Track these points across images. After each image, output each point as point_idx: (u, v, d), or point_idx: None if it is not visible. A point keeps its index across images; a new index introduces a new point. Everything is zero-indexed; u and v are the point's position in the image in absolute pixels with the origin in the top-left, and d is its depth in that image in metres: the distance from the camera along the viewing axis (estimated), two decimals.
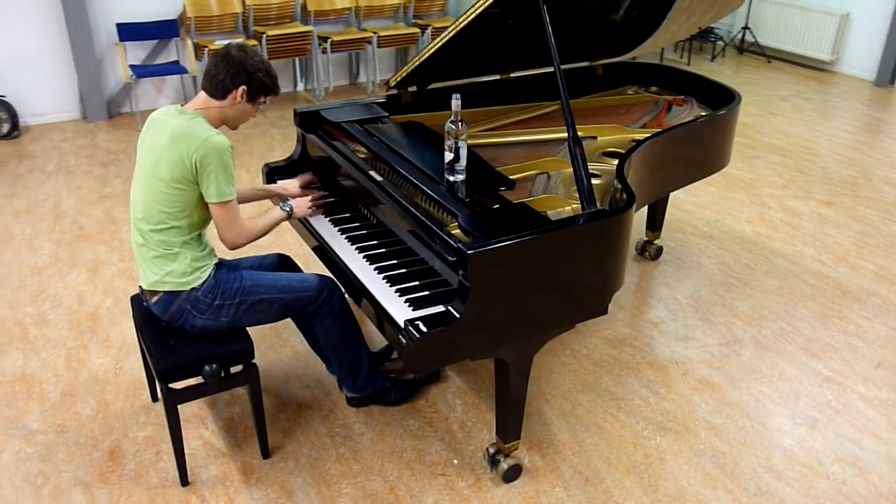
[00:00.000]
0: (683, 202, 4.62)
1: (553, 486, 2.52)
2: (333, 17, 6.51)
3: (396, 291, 2.29)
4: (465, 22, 2.69)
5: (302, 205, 2.68)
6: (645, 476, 2.56)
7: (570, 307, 2.27)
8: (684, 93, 3.68)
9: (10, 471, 2.55)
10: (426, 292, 2.27)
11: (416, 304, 2.22)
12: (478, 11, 2.63)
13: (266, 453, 2.62)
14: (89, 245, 4.04)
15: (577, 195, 2.61)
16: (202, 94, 2.39)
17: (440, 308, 2.12)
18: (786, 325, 3.40)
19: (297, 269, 2.77)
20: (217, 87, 2.36)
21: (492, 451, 2.54)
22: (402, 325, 2.11)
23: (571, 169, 2.75)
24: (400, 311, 2.21)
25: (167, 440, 2.62)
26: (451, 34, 2.76)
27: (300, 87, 6.78)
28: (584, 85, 3.69)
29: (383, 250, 2.53)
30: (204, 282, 2.35)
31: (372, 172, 2.62)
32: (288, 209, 2.62)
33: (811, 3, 7.45)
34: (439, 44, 2.83)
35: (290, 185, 2.86)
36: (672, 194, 4.59)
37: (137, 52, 5.99)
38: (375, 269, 2.43)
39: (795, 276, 3.80)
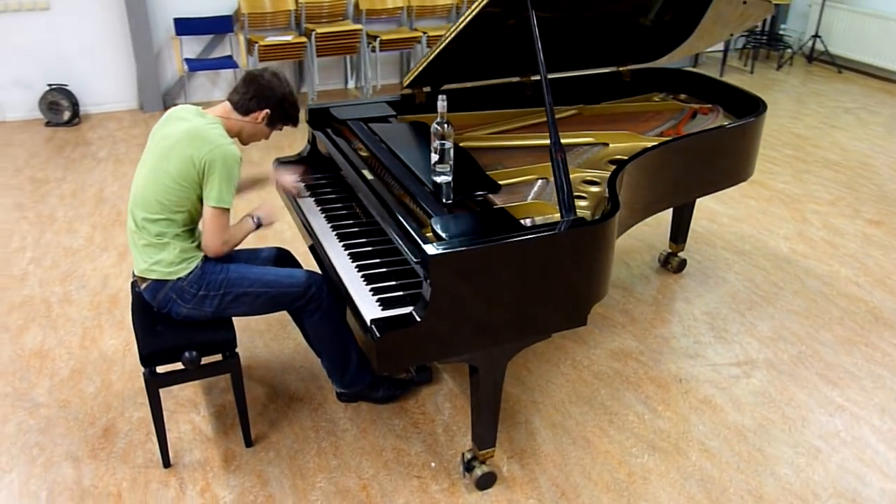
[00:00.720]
0: (718, 214, 4.46)
1: (527, 497, 2.47)
2: (385, 16, 6.57)
3: (371, 290, 2.30)
4: (463, 24, 2.66)
5: (270, 214, 2.66)
6: (624, 495, 2.48)
7: (545, 316, 2.22)
8: (713, 101, 3.55)
9: (10, 440, 2.68)
10: (400, 293, 2.27)
11: (386, 303, 2.22)
12: (474, 13, 2.60)
13: (249, 442, 2.67)
14: (123, 230, 4.20)
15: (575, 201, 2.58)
16: (227, 103, 2.48)
17: (408, 309, 2.11)
18: (805, 349, 3.23)
19: (295, 263, 2.81)
20: (244, 104, 2.45)
21: (468, 456, 2.51)
22: (367, 323, 2.11)
23: (572, 175, 2.73)
24: (370, 309, 2.21)
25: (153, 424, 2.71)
26: (451, 35, 2.74)
27: (350, 84, 6.88)
28: (608, 90, 3.61)
29: (369, 249, 2.54)
30: (190, 272, 2.41)
31: (365, 171, 2.63)
32: (256, 220, 2.60)
33: (889, 11, 7.06)
34: (443, 44, 2.81)
35: (271, 172, 2.91)
36: (707, 206, 4.47)
37: (194, 46, 6.19)
38: (356, 266, 2.44)
39: (826, 298, 3.61)
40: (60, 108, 5.80)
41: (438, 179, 2.42)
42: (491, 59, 3.33)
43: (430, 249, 1.99)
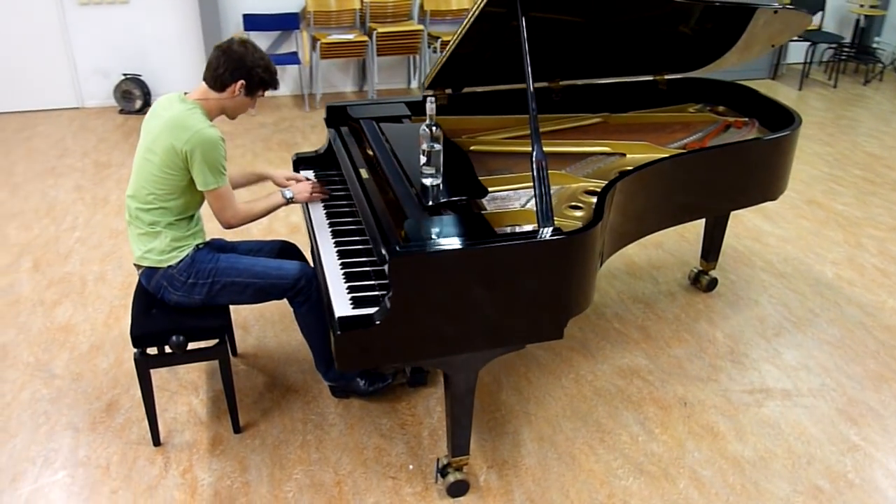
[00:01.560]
0: (765, 234, 4.24)
1: None
2: (450, 17, 6.59)
3: (348, 287, 2.31)
4: (467, 26, 2.64)
5: (303, 191, 2.77)
6: None
7: (515, 326, 2.17)
8: (752, 114, 3.38)
9: (21, 407, 2.84)
10: (376, 293, 2.27)
11: (358, 302, 2.23)
12: (475, 15, 2.57)
13: (237, 428, 2.73)
14: None
15: (568, 212, 2.52)
16: (203, 84, 2.53)
17: (373, 310, 2.11)
18: (829, 381, 3.03)
19: (298, 257, 2.86)
20: (217, 80, 2.49)
21: (443, 461, 2.49)
22: (335, 319, 2.12)
23: (576, 185, 2.67)
24: (341, 305, 2.22)
25: (159, 402, 2.83)
26: (459, 38, 2.72)
27: (413, 83, 6.93)
28: (641, 99, 3.50)
29: (358, 247, 2.56)
30: (180, 261, 2.49)
31: (363, 170, 2.65)
32: (289, 195, 2.72)
33: None
34: (453, 47, 2.80)
35: (278, 175, 2.94)
36: (754, 224, 4.27)
37: (262, 41, 6.39)
38: (341, 263, 2.46)
39: (864, 329, 3.38)
40: (133, 96, 6.11)
41: (425, 182, 2.41)
42: (518, 63, 3.29)
43: (391, 250, 1.98)
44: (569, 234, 2.10)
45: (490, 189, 2.67)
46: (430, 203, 2.29)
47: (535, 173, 2.18)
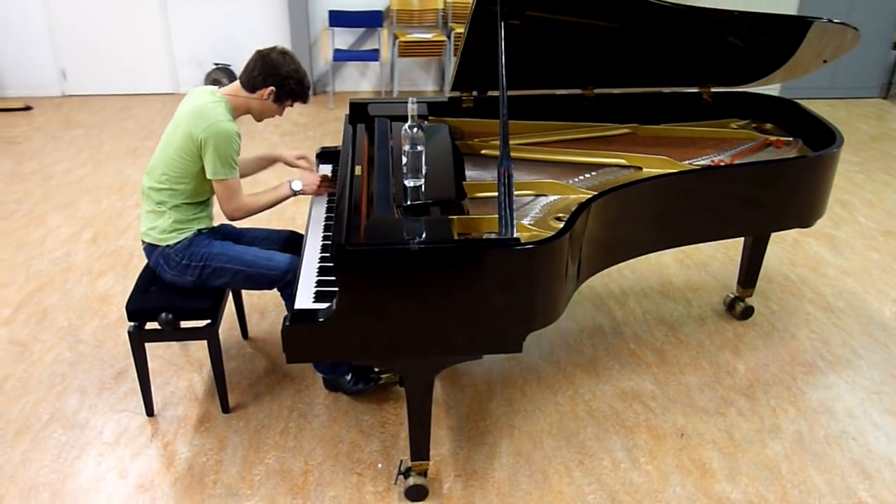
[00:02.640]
0: (824, 263, 3.93)
1: None
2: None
3: (317, 281, 2.34)
4: (468, 27, 2.60)
5: (311, 182, 2.83)
6: None
7: (469, 335, 2.12)
8: (800, 132, 3.14)
9: (44, 367, 3.06)
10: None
11: (320, 297, 2.25)
12: (470, 16, 2.54)
13: (226, 408, 2.83)
14: None
15: (553, 223, 2.44)
16: (237, 82, 2.65)
17: (324, 305, 2.13)
18: (851, 429, 2.78)
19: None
20: (250, 81, 2.61)
21: (406, 464, 2.48)
22: (292, 310, 2.16)
23: (574, 196, 2.59)
24: (303, 299, 2.25)
25: (164, 375, 2.97)
26: (464, 40, 2.69)
27: None
28: (679, 111, 3.32)
29: None
30: (178, 242, 2.61)
31: (358, 167, 2.67)
32: (297, 187, 2.78)
33: None
34: (462, 48, 2.77)
35: (287, 155, 3.00)
36: (815, 253, 3.98)
37: (347, 37, 6.56)
38: (321, 257, 2.49)
39: None
40: (221, 85, 6.40)
41: (406, 182, 2.40)
42: (550, 67, 3.23)
43: (338, 248, 1.99)
44: (522, 245, 2.03)
45: (483, 194, 2.63)
46: (402, 204, 2.29)
47: (499, 181, 2.12)
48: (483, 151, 2.97)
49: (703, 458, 2.64)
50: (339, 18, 6.37)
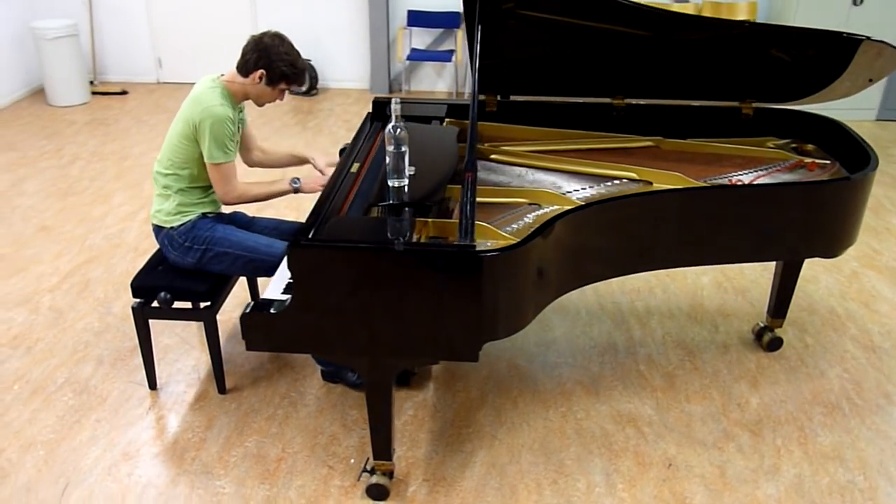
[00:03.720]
0: (879, 299, 3.62)
1: None
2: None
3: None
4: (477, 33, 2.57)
5: (311, 182, 2.89)
6: None
7: (421, 340, 2.11)
8: (839, 154, 2.92)
9: (72, 334, 3.28)
10: None
11: (289, 289, 2.29)
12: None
13: (222, 389, 2.93)
14: None
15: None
16: (234, 68, 2.74)
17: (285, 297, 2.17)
18: (861, 480, 2.55)
19: None
20: (243, 66, 2.70)
21: (373, 462, 2.49)
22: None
23: (567, 207, 2.51)
24: (273, 289, 2.31)
25: (175, 352, 3.12)
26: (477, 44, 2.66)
27: None
28: (715, 125, 3.15)
29: None
30: (181, 224, 2.73)
31: (356, 165, 2.70)
32: (296, 185, 2.85)
33: None
34: (476, 51, 2.74)
35: (319, 159, 3.06)
36: (871, 287, 3.70)
37: (424, 37, 6.63)
38: None
39: None
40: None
41: (389, 182, 2.41)
42: (582, 75, 3.15)
43: (293, 242, 2.02)
44: (475, 253, 1.99)
45: (483, 199, 2.59)
46: (372, 204, 2.30)
47: (463, 185, 2.09)
48: (493, 156, 2.93)
49: (685, 491, 2.50)
50: (417, 18, 6.44)
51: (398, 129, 2.35)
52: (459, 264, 1.99)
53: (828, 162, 2.89)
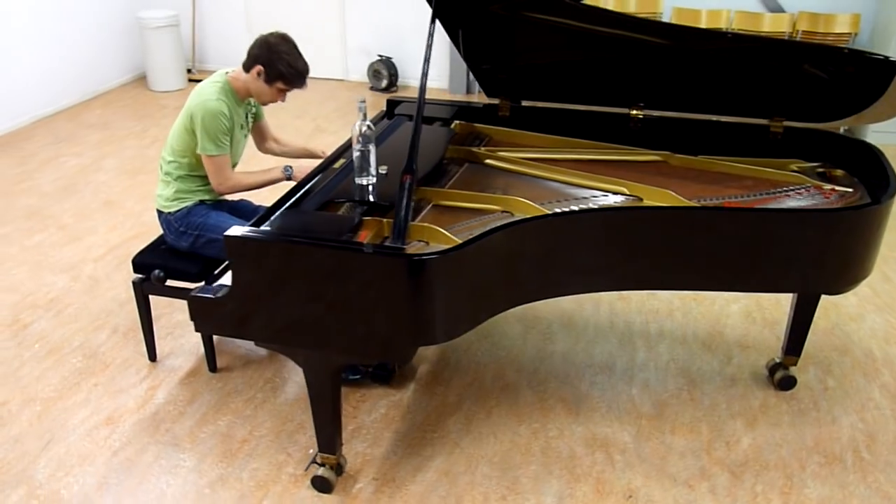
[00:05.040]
0: None
1: None
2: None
3: None
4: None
5: (305, 169, 2.94)
6: None
7: (351, 338, 2.11)
8: (868, 181, 2.66)
9: (101, 303, 3.52)
10: None
11: None
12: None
13: (212, 367, 3.05)
14: None
15: None
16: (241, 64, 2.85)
17: None
18: None
19: None
20: (246, 62, 2.80)
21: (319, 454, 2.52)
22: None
23: (539, 215, 2.45)
24: (228, 275, 2.38)
25: (182, 328, 3.28)
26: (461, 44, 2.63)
27: None
28: (736, 142, 2.95)
29: None
30: (178, 210, 2.87)
31: (342, 161, 2.74)
32: (288, 172, 2.92)
33: None
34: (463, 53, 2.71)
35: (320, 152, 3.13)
36: None
37: None
38: None
39: None
40: (381, 76, 6.78)
41: (362, 181, 2.43)
42: (598, 83, 3.05)
43: (230, 231, 2.09)
44: (397, 254, 1.98)
45: (448, 202, 2.57)
46: (328, 201, 2.33)
47: (400, 187, 2.08)
48: (487, 161, 2.89)
49: None
50: None
51: (364, 128, 2.37)
52: (383, 265, 1.98)
53: (849, 190, 2.64)
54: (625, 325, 3.40)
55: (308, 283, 2.06)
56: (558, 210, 2.47)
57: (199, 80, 2.96)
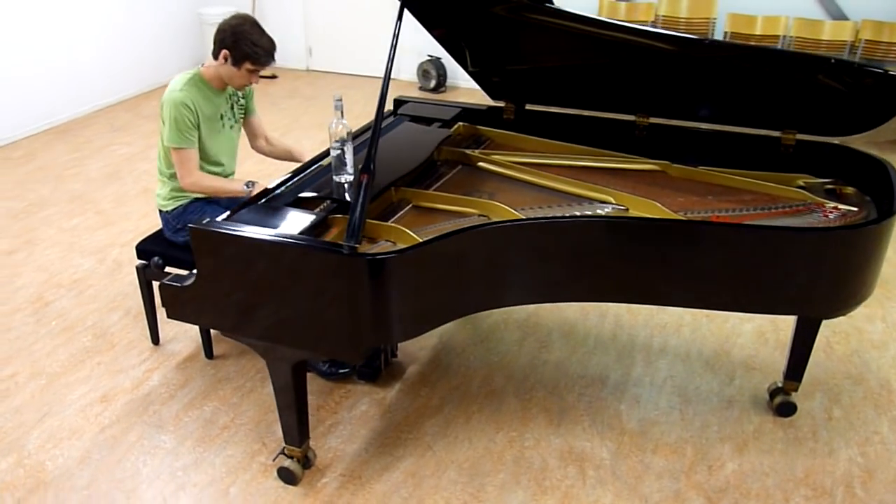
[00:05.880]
0: None
1: None
2: (755, 42, 5.80)
3: None
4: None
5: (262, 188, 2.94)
6: None
7: (303, 333, 2.14)
8: (881, 201, 2.51)
9: (119, 286, 3.67)
10: None
11: None
12: None
13: (209, 354, 3.14)
14: None
15: None
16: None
17: None
18: None
19: None
20: (213, 48, 2.82)
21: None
22: None
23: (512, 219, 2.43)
24: None
25: None
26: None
27: None
28: (744, 155, 2.83)
29: None
30: (174, 209, 2.96)
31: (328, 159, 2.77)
32: (249, 188, 2.88)
33: None
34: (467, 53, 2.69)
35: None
36: None
37: None
38: None
39: None
40: (430, 76, 6.81)
41: (339, 179, 2.46)
42: (604, 88, 2.99)
43: (194, 222, 2.15)
44: (342, 253, 1.98)
45: (428, 204, 2.56)
46: (302, 198, 2.36)
47: (356, 185, 2.09)
48: (479, 164, 2.86)
49: None
50: None
51: (340, 127, 2.39)
52: (324, 262, 2.00)
53: (854, 209, 2.49)
54: (628, 338, 3.31)
55: (259, 276, 2.10)
56: (533, 216, 2.43)
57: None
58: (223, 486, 2.51)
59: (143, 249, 3.04)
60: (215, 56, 2.81)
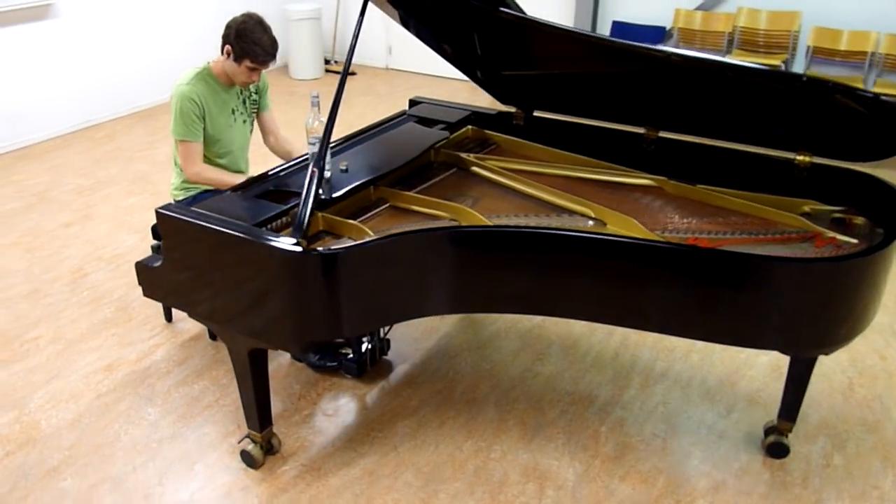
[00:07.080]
0: None
1: (267, 497, 2.48)
2: (839, 59, 5.41)
3: None
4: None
5: None
6: None
7: (250, 321, 2.20)
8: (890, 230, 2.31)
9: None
10: None
11: None
12: None
13: (213, 336, 3.26)
14: None
15: None
16: None
17: None
18: None
19: None
20: (221, 45, 2.92)
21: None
22: None
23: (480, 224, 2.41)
24: None
25: None
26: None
27: None
28: (753, 176, 2.66)
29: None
30: (184, 199, 3.09)
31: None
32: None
33: None
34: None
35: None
36: None
37: None
38: None
39: None
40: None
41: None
42: (613, 99, 2.90)
43: (165, 206, 2.25)
44: (279, 247, 2.02)
45: (404, 205, 2.57)
46: (273, 190, 2.42)
47: (309, 178, 2.13)
48: (473, 168, 2.83)
49: None
50: (621, 30, 6.17)
51: (315, 123, 2.43)
52: (263, 254, 2.04)
53: (853, 241, 2.29)
54: (630, 359, 3.18)
55: (209, 263, 2.17)
56: (502, 224, 2.39)
57: (335, 72, 3.10)
58: (189, 462, 2.61)
59: (157, 230, 3.20)
60: (221, 51, 2.92)
